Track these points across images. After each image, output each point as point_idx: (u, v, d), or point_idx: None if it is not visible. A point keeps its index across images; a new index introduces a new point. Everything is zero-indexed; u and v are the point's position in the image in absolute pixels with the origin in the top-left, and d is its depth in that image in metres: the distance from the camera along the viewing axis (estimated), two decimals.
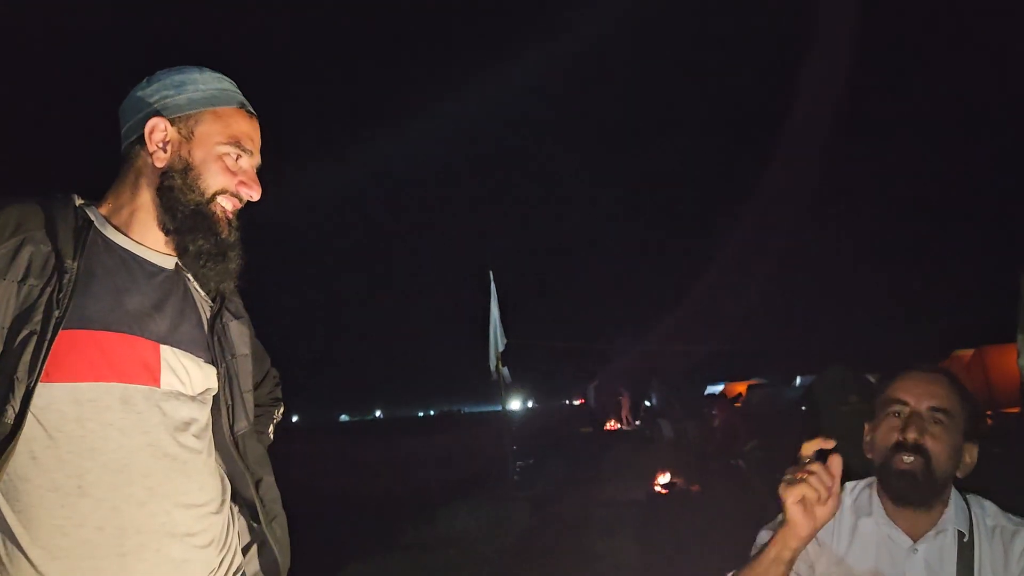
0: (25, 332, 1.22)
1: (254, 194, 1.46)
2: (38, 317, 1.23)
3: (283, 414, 1.95)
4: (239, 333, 1.58)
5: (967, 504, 1.68)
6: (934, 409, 1.64)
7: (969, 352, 13.08)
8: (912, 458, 1.62)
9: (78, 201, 1.40)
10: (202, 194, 1.40)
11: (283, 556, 1.59)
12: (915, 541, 1.65)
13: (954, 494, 1.68)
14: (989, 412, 11.58)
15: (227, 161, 1.43)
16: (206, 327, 1.48)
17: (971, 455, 1.67)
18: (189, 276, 1.51)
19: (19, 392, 1.20)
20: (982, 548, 1.62)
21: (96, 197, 1.44)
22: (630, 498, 8.83)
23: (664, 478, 9.66)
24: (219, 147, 1.42)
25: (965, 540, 1.63)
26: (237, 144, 1.43)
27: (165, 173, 1.39)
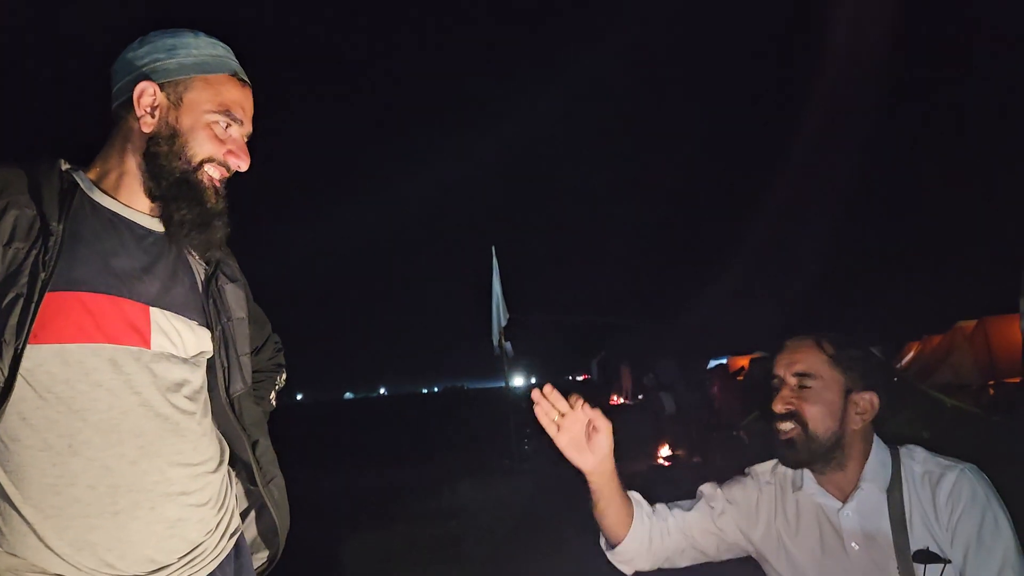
0: (11, 295, 1.22)
1: (242, 164, 1.44)
2: (24, 280, 1.23)
3: (286, 384, 1.95)
4: (235, 296, 1.58)
5: (894, 454, 1.73)
6: (798, 375, 1.71)
7: (972, 323, 13.03)
8: (787, 425, 1.70)
9: (64, 165, 1.39)
10: (188, 162, 1.38)
11: (281, 519, 1.60)
12: (844, 502, 1.70)
13: (876, 447, 1.72)
14: (992, 382, 11.60)
15: (216, 129, 1.41)
16: (200, 290, 1.48)
17: (870, 403, 1.70)
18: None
19: (7, 354, 1.21)
20: (911, 496, 1.66)
21: (86, 162, 1.43)
22: (632, 470, 8.87)
23: (666, 450, 9.73)
24: (208, 115, 1.40)
25: (886, 493, 1.67)
26: (227, 112, 1.42)
27: (152, 139, 1.38)
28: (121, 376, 1.30)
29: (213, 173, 1.42)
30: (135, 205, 1.40)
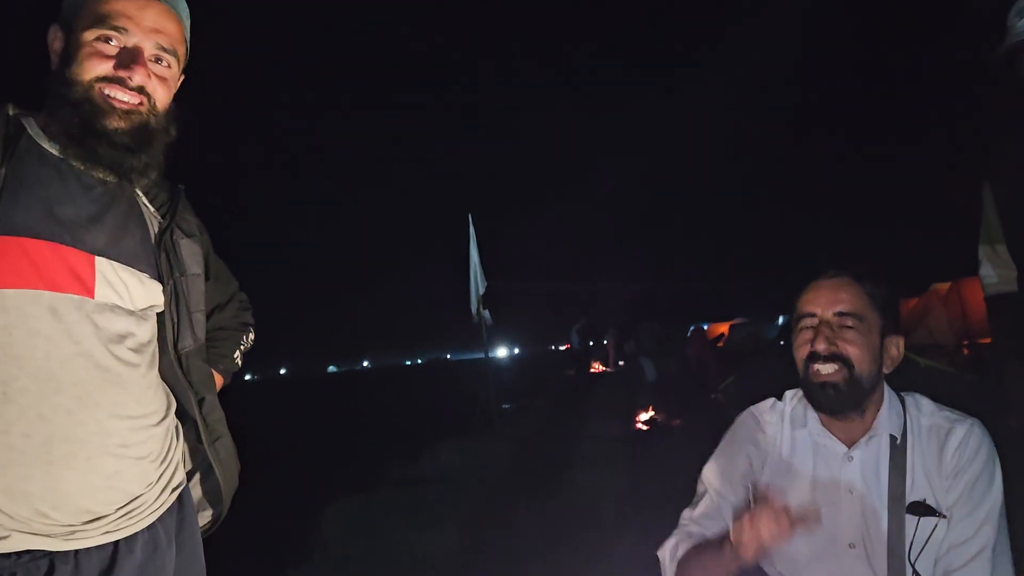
0: None
1: (133, 75, 1.34)
2: None
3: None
4: (191, 252, 1.54)
5: (903, 405, 1.69)
6: (841, 314, 1.62)
7: (946, 285, 13.19)
8: (829, 367, 1.61)
9: (12, 110, 1.35)
10: (75, 86, 1.32)
11: (227, 479, 1.59)
12: (850, 448, 1.67)
13: (888, 396, 1.68)
14: (966, 342, 11.76)
15: (97, 46, 1.33)
16: (153, 243, 1.45)
17: (897, 347, 1.66)
18: (138, 191, 1.47)
19: None
20: (915, 449, 1.63)
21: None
22: (612, 435, 8.95)
23: (645, 415, 9.81)
24: (84, 33, 1.33)
25: (898, 443, 1.64)
26: (104, 23, 1.33)
27: (52, 76, 1.35)
28: (60, 325, 1.26)
29: (114, 93, 1.34)
30: None
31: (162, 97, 1.41)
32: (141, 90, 1.37)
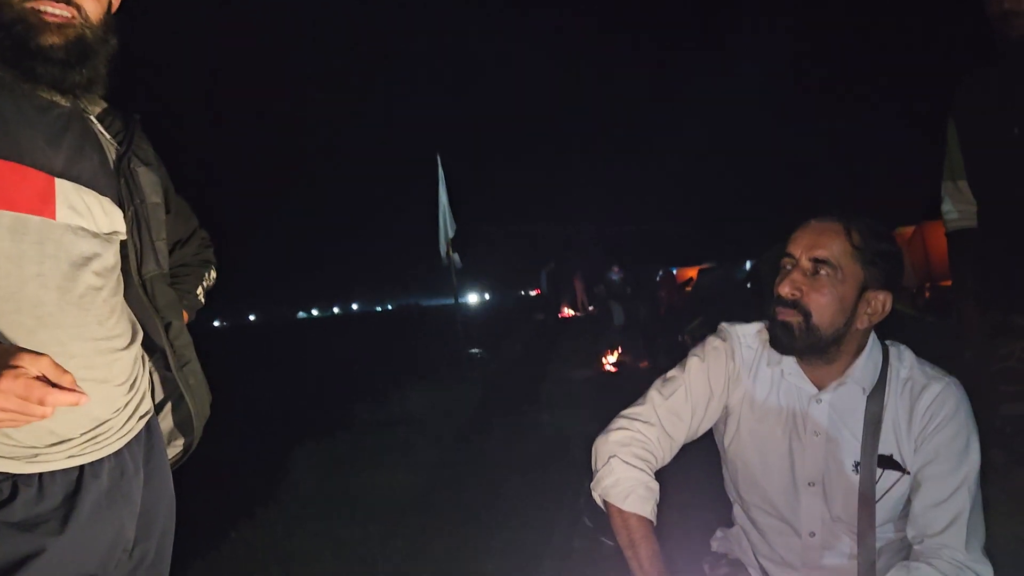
0: None
1: None
2: None
3: (216, 279, 1.89)
4: (149, 180, 1.51)
5: (885, 355, 1.67)
6: (816, 260, 1.57)
7: (910, 229, 13.37)
8: (788, 311, 1.59)
9: None
10: (4, 8, 1.25)
11: (197, 406, 1.57)
12: (820, 390, 1.66)
13: (872, 345, 1.66)
14: (928, 285, 12.01)
15: None
16: (112, 168, 1.42)
17: (882, 304, 1.61)
18: (93, 119, 1.43)
19: None
20: (889, 400, 1.62)
21: None
22: (579, 376, 9.07)
23: (613, 356, 9.93)
24: None
25: (867, 394, 1.63)
26: None
27: None
28: (21, 245, 1.23)
29: (47, 9, 1.28)
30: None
31: (93, 7, 1.34)
32: (69, 2, 1.30)
